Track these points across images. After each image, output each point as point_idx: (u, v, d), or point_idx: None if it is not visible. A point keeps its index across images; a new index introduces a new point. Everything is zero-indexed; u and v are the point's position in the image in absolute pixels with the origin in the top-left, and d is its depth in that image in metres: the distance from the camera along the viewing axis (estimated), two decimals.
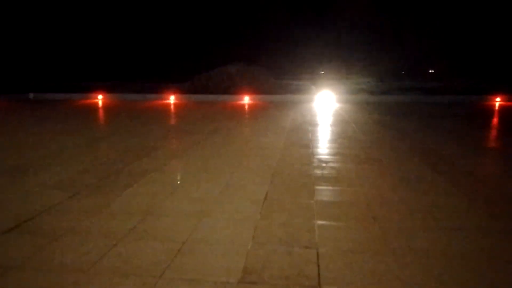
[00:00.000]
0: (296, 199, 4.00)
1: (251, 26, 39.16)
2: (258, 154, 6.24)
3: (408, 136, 8.03)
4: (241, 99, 17.82)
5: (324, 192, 4.24)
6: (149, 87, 21.80)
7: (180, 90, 19.09)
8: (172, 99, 17.74)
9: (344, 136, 7.93)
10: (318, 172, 5.04)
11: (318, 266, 2.63)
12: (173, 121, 11.16)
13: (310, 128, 9.09)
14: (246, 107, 15.37)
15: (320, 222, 3.38)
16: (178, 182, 4.66)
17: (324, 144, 7.04)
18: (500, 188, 4.39)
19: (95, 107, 14.67)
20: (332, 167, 5.28)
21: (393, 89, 24.61)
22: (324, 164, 5.44)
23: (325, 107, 14.70)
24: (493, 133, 8.89)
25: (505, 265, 2.62)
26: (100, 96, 17.80)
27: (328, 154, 6.14)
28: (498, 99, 16.38)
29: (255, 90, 18.93)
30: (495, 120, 11.16)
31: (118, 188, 4.35)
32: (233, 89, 19.53)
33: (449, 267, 2.60)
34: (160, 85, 20.85)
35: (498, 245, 2.92)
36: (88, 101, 16.76)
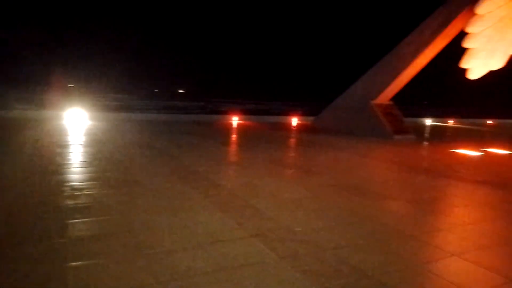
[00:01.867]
0: (42, 241, 3.30)
1: None
2: None
3: (164, 154, 8.30)
4: None
5: (79, 226, 3.70)
6: None
7: None
8: None
9: (100, 158, 7.36)
10: (70, 202, 4.39)
11: None
12: None
13: (59, 150, 7.95)
14: None
15: (75, 264, 2.91)
16: None
17: (77, 169, 6.28)
18: (245, 199, 5.13)
19: None
20: (87, 195, 4.73)
21: (148, 107, 25.31)
22: (78, 192, 4.81)
23: (77, 125, 13.34)
24: (235, 147, 10.48)
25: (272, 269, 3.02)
26: None
27: (82, 180, 5.49)
28: (235, 118, 19.77)
29: None
30: (237, 136, 13.22)
31: None
32: None
33: (216, 283, 2.74)
34: None
35: (250, 251, 3.34)
36: None
